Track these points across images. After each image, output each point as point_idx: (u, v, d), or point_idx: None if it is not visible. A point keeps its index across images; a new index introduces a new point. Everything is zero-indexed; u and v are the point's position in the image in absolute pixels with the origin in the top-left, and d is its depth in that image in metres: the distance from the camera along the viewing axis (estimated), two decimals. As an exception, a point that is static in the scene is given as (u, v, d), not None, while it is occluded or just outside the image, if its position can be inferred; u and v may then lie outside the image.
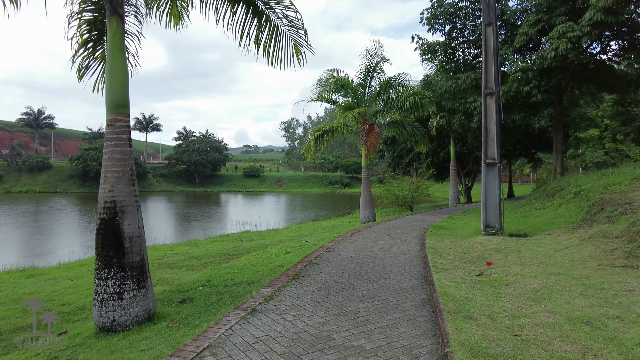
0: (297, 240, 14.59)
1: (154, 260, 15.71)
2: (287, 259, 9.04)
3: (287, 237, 20.00)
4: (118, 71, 5.66)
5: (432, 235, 11.22)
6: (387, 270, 7.28)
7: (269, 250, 11.91)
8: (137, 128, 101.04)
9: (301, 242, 13.26)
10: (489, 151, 10.64)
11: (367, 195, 19.81)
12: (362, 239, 11.13)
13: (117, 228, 5.43)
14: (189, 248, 19.16)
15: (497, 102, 10.57)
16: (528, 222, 11.81)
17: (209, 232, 27.41)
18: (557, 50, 14.31)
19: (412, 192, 25.11)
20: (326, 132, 19.70)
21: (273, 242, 17.37)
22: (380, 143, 19.27)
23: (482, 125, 10.79)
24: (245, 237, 21.46)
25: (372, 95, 20.09)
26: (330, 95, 19.32)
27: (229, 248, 17.33)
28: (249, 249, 16.08)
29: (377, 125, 19.10)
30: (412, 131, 20.78)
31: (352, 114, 17.60)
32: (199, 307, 6.12)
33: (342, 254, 8.86)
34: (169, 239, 23.70)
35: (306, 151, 19.77)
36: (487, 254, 8.34)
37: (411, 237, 11.28)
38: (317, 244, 11.09)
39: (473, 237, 10.39)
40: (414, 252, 8.95)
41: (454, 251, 8.85)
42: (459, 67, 21.72)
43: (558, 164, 19.38)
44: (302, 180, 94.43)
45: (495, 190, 10.53)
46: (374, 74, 19.47)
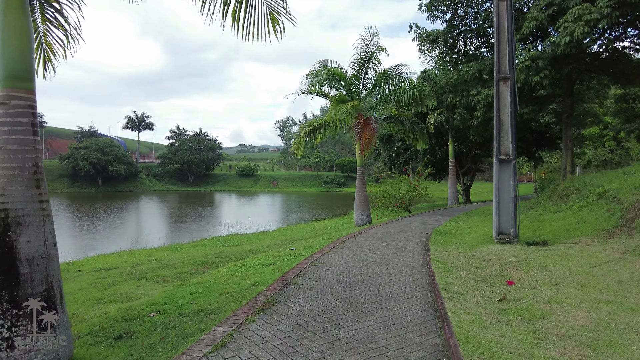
0: (284, 247, 13.05)
1: (127, 268, 14.20)
2: (264, 275, 7.50)
3: (276, 241, 18.47)
4: (15, 31, 4.11)
5: (436, 243, 9.70)
6: (385, 294, 5.75)
7: (249, 260, 10.36)
8: (130, 127, 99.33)
9: (287, 249, 11.73)
10: (503, 146, 9.13)
11: (362, 196, 18.29)
12: (355, 248, 9.61)
13: (9, 246, 3.87)
14: (169, 253, 17.65)
15: (511, 88, 9.06)
16: (545, 228, 10.32)
17: (196, 234, 25.84)
18: (573, 35, 12.82)
19: (410, 192, 23.63)
20: (318, 127, 18.16)
21: (258, 248, 15.83)
22: (375, 139, 17.73)
23: (494, 116, 9.29)
24: (231, 241, 19.94)
25: (367, 87, 18.58)
26: (321, 87, 17.78)
27: (210, 254, 15.81)
28: (231, 256, 14.54)
29: (373, 120, 17.58)
30: (411, 127, 19.28)
31: (345, 107, 16.08)
32: (134, 350, 4.58)
33: (330, 269, 7.34)
34: (153, 242, 22.18)
35: (296, 148, 18.22)
36: (506, 269, 6.83)
37: (412, 246, 9.77)
38: (304, 253, 9.56)
39: (484, 246, 8.89)
40: (416, 266, 7.44)
41: (464, 265, 7.33)
42: (459, 59, 20.24)
43: (568, 162, 17.92)
44: (297, 180, 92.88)
45: (510, 191, 9.02)
46: (369, 64, 17.95)
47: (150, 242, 22.37)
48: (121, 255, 17.63)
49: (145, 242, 22.01)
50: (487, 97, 16.51)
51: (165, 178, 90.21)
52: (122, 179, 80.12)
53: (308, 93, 18.36)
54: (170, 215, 41.13)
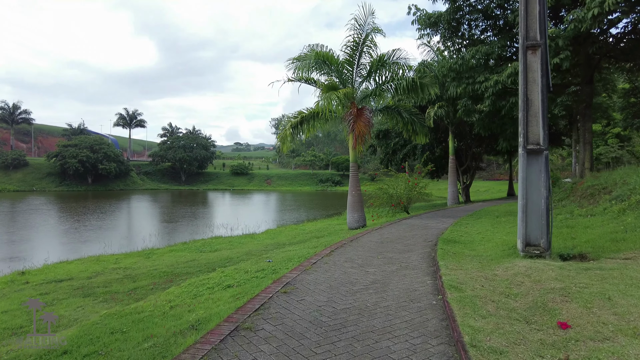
0: (262, 257, 11.05)
1: (82, 279, 12.24)
2: (216, 307, 5.50)
3: (259, 246, 16.47)
4: None
5: (445, 256, 7.68)
6: (384, 349, 3.77)
7: (213, 276, 8.35)
8: (121, 124, 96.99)
9: (263, 260, 9.73)
10: (531, 132, 7.13)
11: (355, 196, 16.29)
12: (343, 263, 7.61)
13: None
14: (138, 260, 15.69)
15: (543, 59, 7.07)
16: (579, 236, 8.34)
17: (178, 236, 23.82)
18: (603, 5, 10.82)
19: (408, 191, 21.64)
20: (306, 119, 16.12)
21: (236, 256, 13.84)
22: (370, 131, 15.68)
23: (520, 95, 7.29)
24: (211, 246, 17.98)
25: (361, 74, 16.55)
26: (310, 73, 15.74)
27: (180, 263, 13.83)
28: (201, 267, 12.55)
29: (367, 109, 15.55)
30: (410, 118, 17.26)
31: (336, 94, 14.05)
32: None
33: (305, 300, 5.33)
34: (130, 245, 20.20)
35: (282, 142, 16.16)
36: (550, 299, 4.84)
37: (415, 259, 7.77)
38: (279, 269, 7.55)
39: (508, 261, 6.90)
40: (425, 295, 5.44)
41: (490, 292, 5.33)
42: (463, 44, 18.25)
43: (586, 157, 15.94)
44: (291, 178, 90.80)
45: (541, 191, 7.03)
46: (363, 48, 15.91)
47: (128, 245, 20.41)
48: (85, 262, 15.65)
49: (122, 246, 20.07)
50: (497, 83, 14.53)
51: (157, 176, 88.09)
52: (113, 177, 77.91)
53: (295, 80, 16.32)
54: (158, 215, 39.06)
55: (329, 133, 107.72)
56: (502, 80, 14.25)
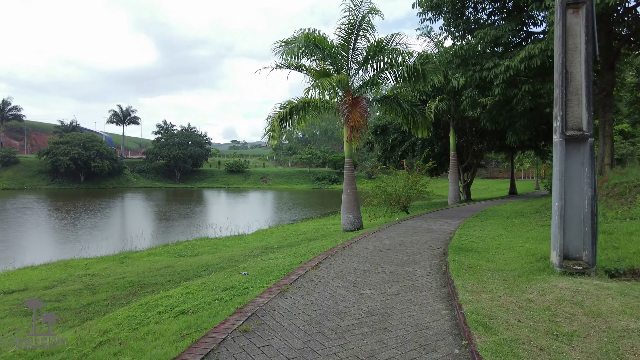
0: (241, 266, 9.47)
1: (37, 290, 10.69)
2: (147, 352, 3.94)
3: (245, 250, 14.89)
4: None
5: (460, 271, 6.10)
6: None
7: (172, 294, 6.78)
8: (114, 121, 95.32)
9: (241, 271, 8.17)
10: (571, 114, 5.56)
11: (350, 195, 14.73)
12: (331, 280, 6.05)
13: None
14: (109, 266, 14.12)
15: (588, 19, 5.50)
16: (623, 245, 6.78)
17: (163, 237, 22.24)
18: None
19: (408, 189, 20.09)
20: (296, 109, 14.51)
21: (215, 262, 12.25)
22: (367, 123, 14.07)
23: (556, 66, 5.72)
24: (192, 249, 16.43)
25: (357, 61, 14.97)
26: (300, 58, 14.15)
27: (154, 270, 12.26)
28: (175, 275, 10.99)
29: (364, 98, 13.96)
30: (410, 110, 15.67)
31: (329, 80, 12.44)
32: None
33: (269, 348, 3.71)
34: (108, 248, 18.64)
35: (269, 135, 14.55)
36: (629, 349, 3.31)
37: (422, 275, 6.21)
38: (250, 289, 6.00)
39: (541, 279, 5.35)
40: (441, 335, 3.88)
41: (533, 334, 3.77)
42: (470, 28, 16.69)
43: (606, 152, 14.41)
44: (288, 176, 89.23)
45: (584, 190, 5.47)
46: (359, 30, 14.32)
47: (109, 247, 18.86)
48: (51, 267, 14.06)
49: (101, 248, 18.52)
50: (508, 69, 12.97)
51: (152, 174, 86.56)
52: (106, 175, 76.34)
53: (284, 67, 14.71)
54: (148, 214, 37.45)
55: (326, 130, 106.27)
56: (514, 65, 12.71)
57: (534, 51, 11.88)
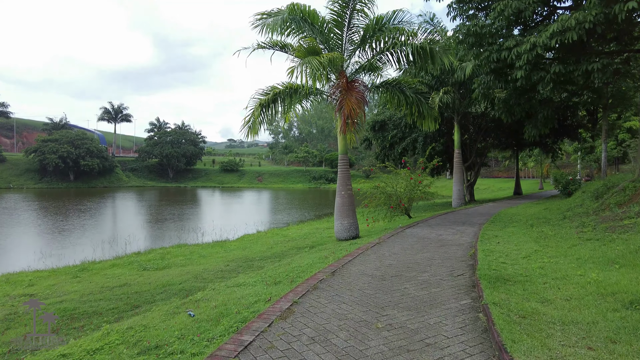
0: (195, 295, 7.25)
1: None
2: None
3: (218, 264, 12.62)
4: None
5: (512, 329, 3.85)
6: None
7: (72, 354, 4.60)
8: (105, 118, 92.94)
9: (200, 301, 5.96)
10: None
11: (345, 197, 12.50)
12: (306, 349, 3.85)
13: None
14: (58, 282, 11.95)
15: None
16: None
17: (139, 243, 19.98)
18: None
19: (410, 190, 17.83)
20: (281, 95, 12.25)
21: (178, 281, 10.01)
22: (363, 111, 11.75)
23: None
24: (163, 260, 14.28)
25: (353, 40, 12.74)
26: (285, 35, 11.90)
27: (105, 290, 10.02)
28: (118, 303, 8.69)
29: (361, 82, 11.73)
30: (415, 99, 13.44)
31: (318, 59, 10.21)
32: None
33: None
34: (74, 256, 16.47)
35: (249, 125, 12.25)
36: None
37: (451, 333, 3.99)
38: (182, 353, 3.83)
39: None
40: None
41: None
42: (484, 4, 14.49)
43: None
44: (283, 175, 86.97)
45: None
46: (355, 4, 12.09)
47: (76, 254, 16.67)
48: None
49: (63, 257, 16.31)
50: (534, 47, 10.74)
51: (144, 173, 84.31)
52: (96, 174, 74.13)
53: (266, 47, 12.45)
54: (133, 216, 35.17)
55: (322, 129, 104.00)
56: (543, 42, 10.47)
57: (570, 23, 9.67)
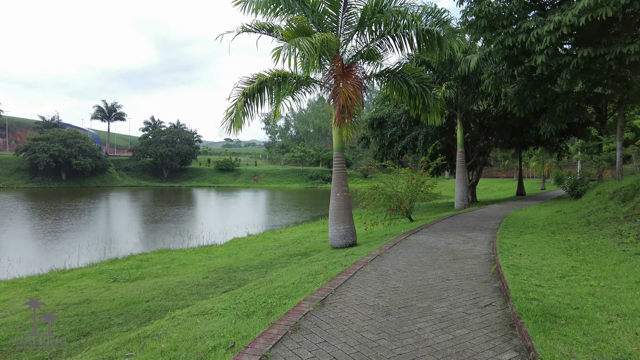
0: (152, 324, 5.83)
1: None
2: None
3: (198, 274, 11.13)
4: None
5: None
6: None
7: None
8: (99, 117, 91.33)
9: (151, 337, 4.52)
10: None
11: (341, 200, 11.05)
12: None
13: None
14: (11, 297, 10.60)
15: None
16: None
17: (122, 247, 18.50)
18: None
19: (412, 191, 16.41)
20: (267, 83, 10.78)
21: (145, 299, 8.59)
22: (362, 100, 10.24)
23: None
24: (138, 269, 12.84)
25: (350, 22, 11.29)
26: (273, 16, 10.45)
27: (60, 310, 8.53)
28: (75, 325, 7.21)
29: (359, 68, 10.29)
30: (420, 89, 11.98)
31: (308, 40, 8.77)
32: None
33: None
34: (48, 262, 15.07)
35: (231, 118, 10.76)
36: None
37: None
38: None
39: None
40: None
41: None
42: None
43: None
44: (280, 175, 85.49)
45: None
46: (353, -20, 10.65)
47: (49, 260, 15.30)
48: None
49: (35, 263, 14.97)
50: (558, 28, 9.31)
51: (138, 173, 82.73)
52: (89, 173, 72.54)
53: (252, 30, 10.99)
54: (122, 217, 33.59)
55: (320, 128, 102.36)
56: (569, 21, 9.03)
57: (603, -4, 8.24)
